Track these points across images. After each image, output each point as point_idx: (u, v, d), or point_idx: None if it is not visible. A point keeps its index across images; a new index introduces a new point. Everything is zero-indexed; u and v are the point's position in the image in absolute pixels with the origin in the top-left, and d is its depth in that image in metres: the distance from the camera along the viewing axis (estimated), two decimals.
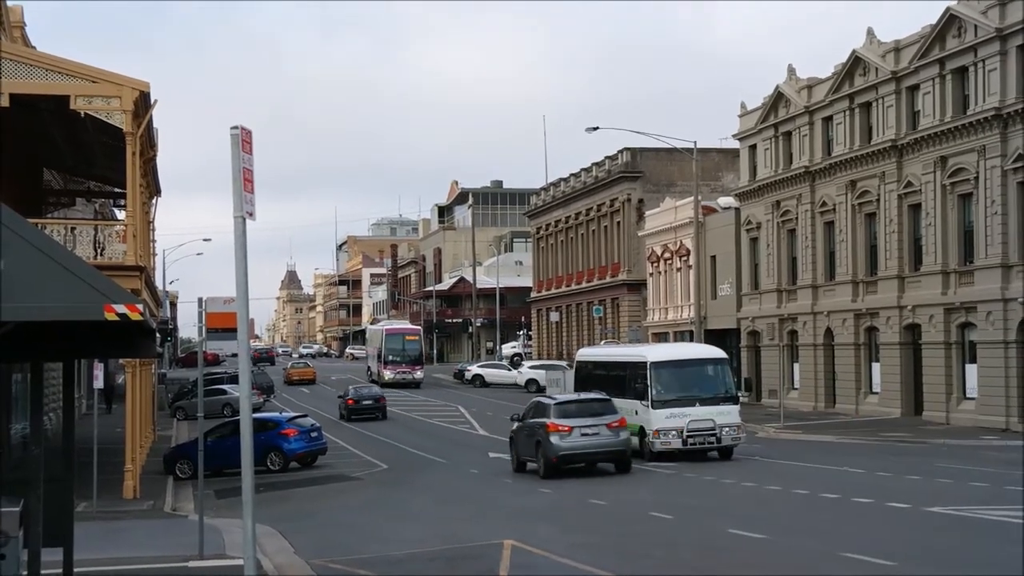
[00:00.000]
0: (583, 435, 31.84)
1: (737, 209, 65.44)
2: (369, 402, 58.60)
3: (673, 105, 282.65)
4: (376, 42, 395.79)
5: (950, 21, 46.57)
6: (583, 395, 35.88)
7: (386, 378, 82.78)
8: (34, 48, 37.22)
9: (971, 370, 46.35)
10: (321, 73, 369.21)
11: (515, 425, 34.95)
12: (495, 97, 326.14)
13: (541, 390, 62.04)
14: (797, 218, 59.04)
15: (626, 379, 38.15)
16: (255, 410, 41.98)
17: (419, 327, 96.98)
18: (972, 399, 45.95)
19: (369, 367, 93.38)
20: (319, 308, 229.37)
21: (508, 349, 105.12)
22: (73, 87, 29.99)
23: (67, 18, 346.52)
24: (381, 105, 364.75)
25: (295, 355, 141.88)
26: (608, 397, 34.50)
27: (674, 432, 35.74)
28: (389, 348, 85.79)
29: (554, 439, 31.72)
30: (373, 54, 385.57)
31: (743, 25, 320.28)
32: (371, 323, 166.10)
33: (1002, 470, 30.73)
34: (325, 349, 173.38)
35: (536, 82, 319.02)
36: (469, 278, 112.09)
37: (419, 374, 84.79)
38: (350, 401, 58.79)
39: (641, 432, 36.54)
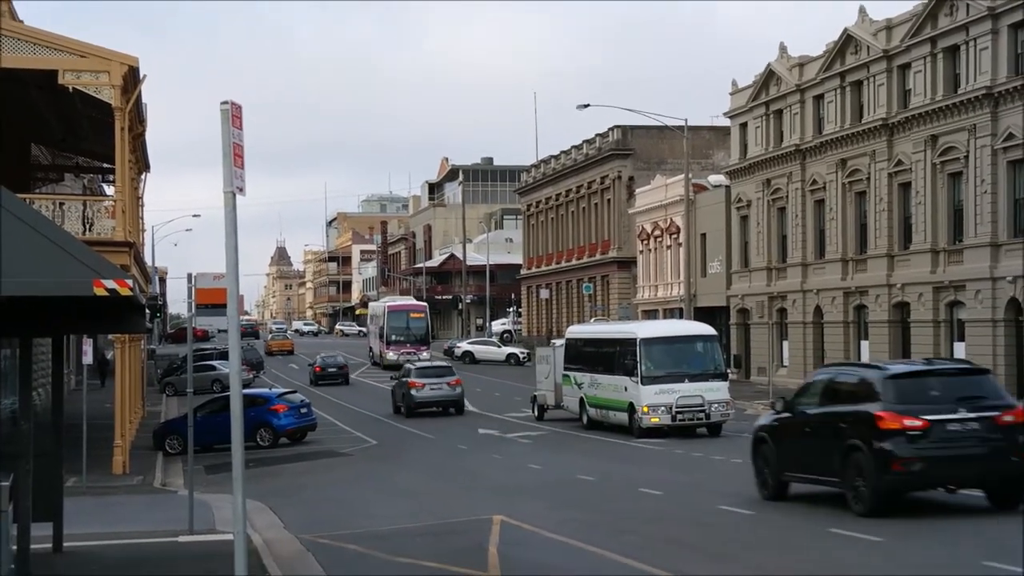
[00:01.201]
0: (431, 389, 47.29)
1: (727, 187, 65.45)
2: (333, 369, 68.37)
3: (667, 83, 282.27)
4: (371, 20, 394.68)
5: None
6: (435, 363, 53.57)
7: (389, 359, 76.40)
8: (22, 22, 37.01)
9: (959, 348, 46.47)
10: (314, 50, 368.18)
11: (395, 382, 50.36)
12: (487, 74, 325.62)
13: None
14: (787, 196, 59.07)
15: (616, 356, 38.26)
16: (244, 386, 42.01)
17: (425, 303, 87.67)
18: None
19: (371, 347, 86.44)
20: (309, 284, 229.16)
21: (498, 326, 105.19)
22: (61, 61, 29.88)
23: None
24: (373, 81, 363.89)
25: (291, 331, 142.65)
26: (449, 364, 52.32)
27: (663, 408, 35.86)
28: (392, 326, 79.15)
29: (413, 391, 47.19)
30: (367, 32, 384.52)
31: (741, 3, 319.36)
32: (361, 300, 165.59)
33: None
34: (317, 326, 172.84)
35: (529, 59, 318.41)
36: (459, 255, 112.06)
37: (425, 355, 75.25)
38: (317, 368, 68.39)
39: (630, 408, 36.70)
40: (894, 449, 17.94)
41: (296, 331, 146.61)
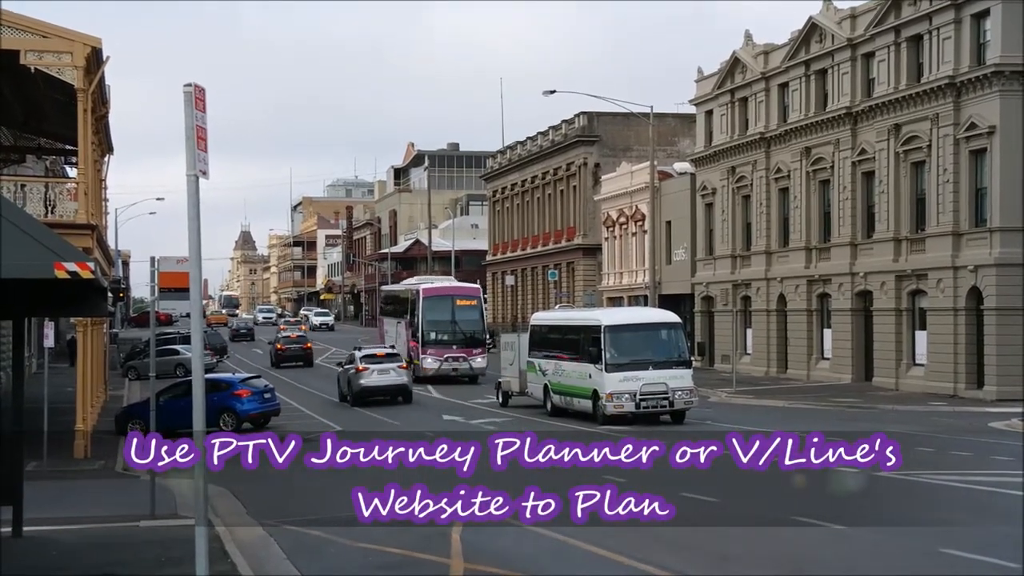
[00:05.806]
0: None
1: (693, 175, 65.61)
2: (244, 331, 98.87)
3: (634, 70, 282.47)
4: (338, 7, 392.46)
5: None
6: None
7: (427, 368, 55.29)
8: None
9: (921, 337, 46.88)
10: (282, 36, 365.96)
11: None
12: (454, 60, 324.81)
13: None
14: (752, 184, 59.29)
15: (580, 343, 38.29)
16: (207, 370, 41.77)
17: (477, 285, 64.70)
18: (921, 365, 46.50)
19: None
20: (273, 269, 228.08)
21: None
22: (23, 42, 29.52)
23: None
24: (340, 67, 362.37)
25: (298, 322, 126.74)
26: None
27: (627, 396, 35.92)
28: (430, 321, 56.79)
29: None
30: (334, 16, 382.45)
31: None
32: (325, 286, 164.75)
33: (949, 436, 31.19)
34: (332, 315, 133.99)
35: (496, 46, 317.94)
36: (424, 240, 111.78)
37: (480, 361, 56.37)
38: (233, 331, 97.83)
39: (594, 395, 36.73)
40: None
41: (318, 324, 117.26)
